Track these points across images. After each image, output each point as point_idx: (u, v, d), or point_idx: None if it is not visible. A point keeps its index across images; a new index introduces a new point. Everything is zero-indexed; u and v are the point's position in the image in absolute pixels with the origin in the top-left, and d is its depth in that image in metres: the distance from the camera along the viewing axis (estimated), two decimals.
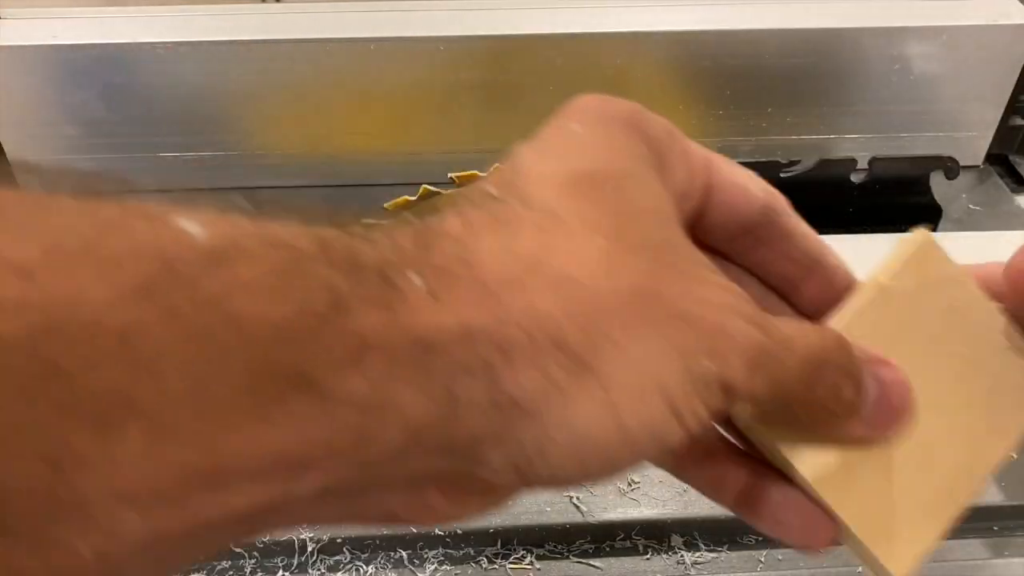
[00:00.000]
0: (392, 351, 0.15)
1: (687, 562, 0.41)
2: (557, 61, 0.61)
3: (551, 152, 0.19)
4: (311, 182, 0.66)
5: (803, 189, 0.55)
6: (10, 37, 0.58)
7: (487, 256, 0.16)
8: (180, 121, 0.62)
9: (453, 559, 0.41)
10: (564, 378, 0.16)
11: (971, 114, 0.65)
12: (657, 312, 0.17)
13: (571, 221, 0.17)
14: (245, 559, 0.41)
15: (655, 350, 0.17)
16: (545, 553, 0.41)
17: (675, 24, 0.61)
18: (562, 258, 0.17)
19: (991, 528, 0.43)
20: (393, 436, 0.15)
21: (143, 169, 0.63)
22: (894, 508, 0.22)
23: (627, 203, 0.18)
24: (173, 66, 0.59)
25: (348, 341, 0.14)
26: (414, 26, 0.60)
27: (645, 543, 0.42)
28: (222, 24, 0.60)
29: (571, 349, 0.16)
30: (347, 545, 0.41)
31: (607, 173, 0.19)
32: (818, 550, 0.23)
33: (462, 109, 0.63)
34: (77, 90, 0.59)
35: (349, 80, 0.61)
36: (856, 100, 0.64)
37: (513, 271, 0.16)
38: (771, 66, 0.62)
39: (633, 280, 0.17)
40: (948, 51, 0.61)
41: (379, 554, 0.41)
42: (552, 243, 0.17)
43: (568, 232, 0.17)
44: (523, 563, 0.41)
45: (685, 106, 0.64)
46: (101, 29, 0.59)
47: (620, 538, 0.42)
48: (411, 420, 0.15)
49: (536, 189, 0.18)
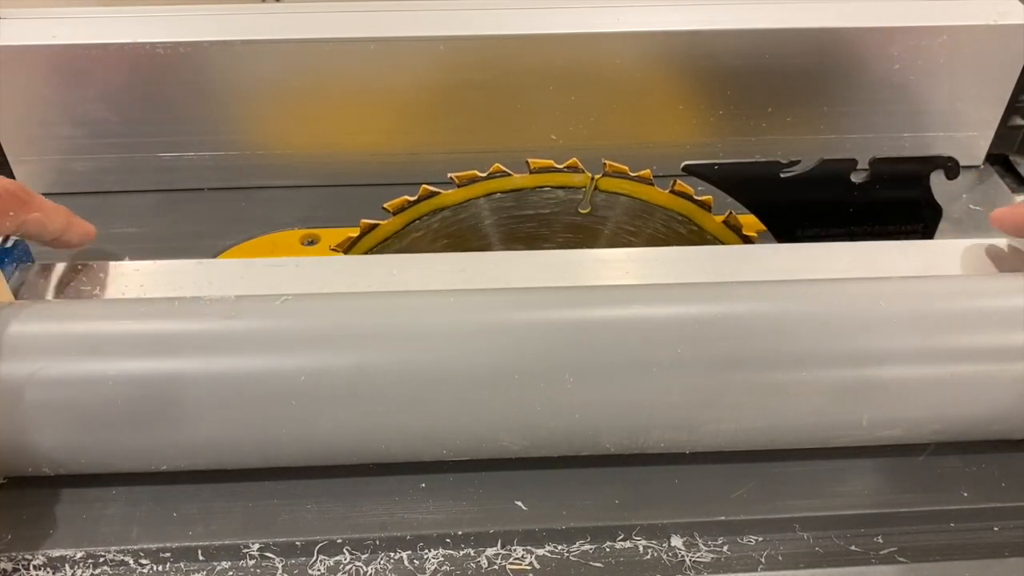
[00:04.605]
0: None
1: (687, 562, 0.41)
2: (557, 61, 0.61)
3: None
4: (311, 182, 0.66)
5: (803, 189, 0.55)
6: (10, 37, 0.58)
7: None
8: (180, 121, 0.62)
9: (453, 559, 0.41)
10: None
11: (971, 114, 0.65)
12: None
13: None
14: (245, 559, 0.41)
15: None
16: (545, 553, 0.41)
17: (675, 24, 0.61)
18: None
19: (991, 528, 0.43)
20: None
21: (143, 169, 0.63)
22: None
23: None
24: (173, 66, 0.59)
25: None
26: (414, 26, 0.60)
27: (645, 543, 0.42)
28: (222, 24, 0.60)
29: None
30: (347, 545, 0.41)
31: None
32: None
33: (462, 109, 0.63)
34: (77, 90, 0.59)
35: (349, 80, 0.61)
36: (856, 100, 0.64)
37: None
38: (771, 66, 0.62)
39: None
40: (948, 51, 0.61)
41: (379, 554, 0.41)
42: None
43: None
44: (523, 563, 0.41)
45: (685, 106, 0.64)
46: (101, 29, 0.59)
47: (620, 538, 0.42)
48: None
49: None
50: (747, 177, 0.55)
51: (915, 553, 0.42)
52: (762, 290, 0.44)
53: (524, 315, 0.42)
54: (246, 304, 0.42)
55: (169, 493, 0.43)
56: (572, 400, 0.41)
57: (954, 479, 0.44)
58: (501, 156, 0.57)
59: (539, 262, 0.49)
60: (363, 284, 0.47)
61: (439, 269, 0.48)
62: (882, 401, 0.42)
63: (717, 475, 0.44)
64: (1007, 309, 0.42)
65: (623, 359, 0.41)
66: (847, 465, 0.44)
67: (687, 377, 0.41)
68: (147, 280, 0.48)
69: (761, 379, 0.41)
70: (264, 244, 0.61)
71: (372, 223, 0.54)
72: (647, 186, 0.55)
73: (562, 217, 0.57)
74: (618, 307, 0.42)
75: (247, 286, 0.47)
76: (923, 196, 0.56)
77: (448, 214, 0.55)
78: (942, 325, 0.42)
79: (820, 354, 0.41)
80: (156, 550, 0.41)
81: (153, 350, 0.40)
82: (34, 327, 0.41)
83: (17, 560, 0.40)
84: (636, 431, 0.42)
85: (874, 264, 0.50)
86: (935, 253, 0.51)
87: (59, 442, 0.40)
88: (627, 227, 0.57)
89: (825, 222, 0.56)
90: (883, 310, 0.42)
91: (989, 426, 0.43)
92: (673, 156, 0.58)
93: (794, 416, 0.42)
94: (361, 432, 0.41)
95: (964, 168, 0.60)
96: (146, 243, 0.60)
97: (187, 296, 0.43)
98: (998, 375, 0.42)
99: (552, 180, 0.56)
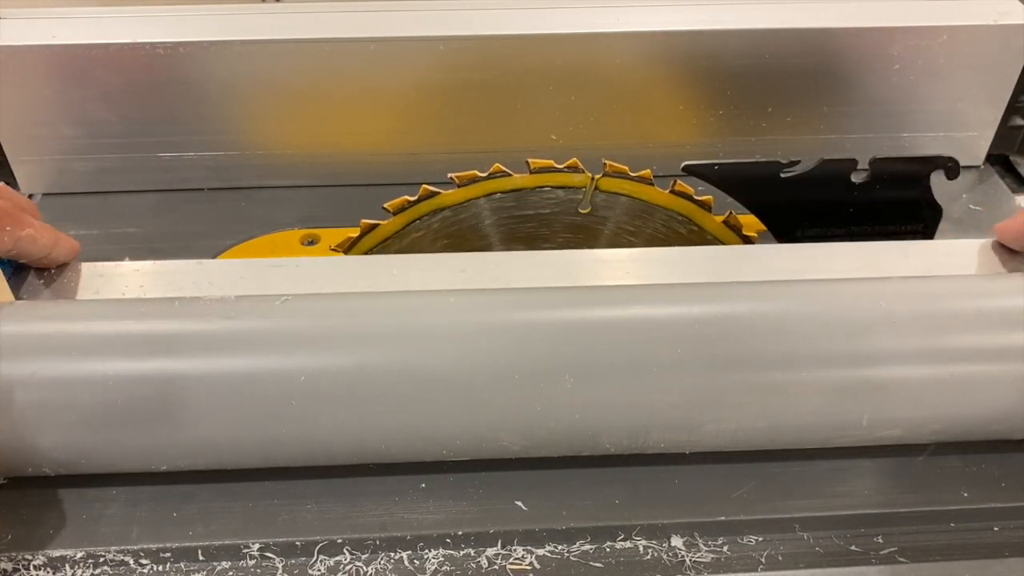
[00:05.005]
0: None
1: (687, 562, 0.41)
2: (557, 61, 0.61)
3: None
4: (311, 182, 0.66)
5: (803, 189, 0.55)
6: (10, 37, 0.58)
7: None
8: (180, 121, 0.62)
9: (453, 559, 0.41)
10: None
11: (971, 114, 0.65)
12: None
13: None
14: (245, 559, 0.41)
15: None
16: (545, 553, 0.41)
17: (675, 24, 0.61)
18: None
19: (991, 528, 0.43)
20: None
21: (143, 169, 0.63)
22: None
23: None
24: (173, 66, 0.59)
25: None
26: (414, 26, 0.60)
27: (645, 543, 0.42)
28: (222, 24, 0.60)
29: None
30: (347, 545, 0.41)
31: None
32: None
33: (462, 109, 0.63)
34: (77, 90, 0.59)
35: (349, 80, 0.61)
36: (856, 100, 0.64)
37: None
38: (771, 66, 0.62)
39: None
40: (948, 51, 0.61)
41: (379, 554, 0.41)
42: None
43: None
44: (523, 563, 0.41)
45: (685, 106, 0.64)
46: (101, 29, 0.59)
47: (620, 538, 0.42)
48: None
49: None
50: (747, 177, 0.55)
51: (915, 553, 0.42)
52: (762, 290, 0.44)
53: (524, 315, 0.42)
54: (246, 304, 0.42)
55: (169, 493, 0.43)
56: (572, 400, 0.41)
57: (954, 479, 0.44)
58: (501, 156, 0.57)
59: (539, 262, 0.49)
60: (363, 284, 0.47)
61: (439, 269, 0.48)
62: (882, 401, 0.42)
63: (717, 475, 0.44)
64: (1007, 309, 0.42)
65: (623, 359, 0.41)
66: (847, 465, 0.44)
67: (687, 377, 0.41)
68: (147, 280, 0.48)
69: (761, 379, 0.41)
70: (264, 244, 0.61)
71: (372, 223, 0.54)
72: (647, 186, 0.55)
73: (562, 217, 0.57)
74: (618, 307, 0.42)
75: (247, 286, 0.47)
76: (923, 196, 0.56)
77: (448, 214, 0.55)
78: (942, 325, 0.42)
79: (820, 354, 0.41)
80: (156, 550, 0.41)
81: (153, 350, 0.40)
82: (34, 327, 0.41)
83: (17, 560, 0.40)
84: (636, 431, 0.42)
85: (874, 264, 0.50)
86: (935, 253, 0.51)
87: (59, 442, 0.40)
88: (627, 227, 0.57)
89: (825, 222, 0.56)
90: (883, 310, 0.42)
91: (989, 426, 0.43)
92: (673, 156, 0.58)
93: (794, 416, 0.42)
94: (361, 432, 0.41)
95: (964, 168, 0.60)
96: (146, 243, 0.60)
97: (187, 296, 0.43)
98: (998, 375, 0.42)
99: (552, 180, 0.56)
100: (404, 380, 0.40)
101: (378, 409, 0.40)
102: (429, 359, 0.40)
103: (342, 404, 0.40)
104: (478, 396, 0.40)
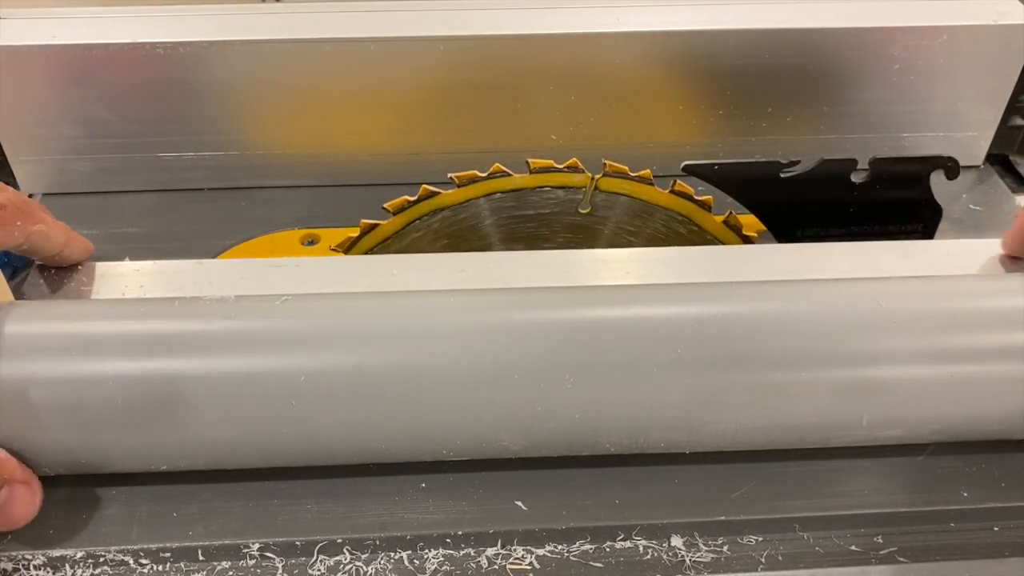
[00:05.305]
0: None
1: (687, 562, 0.41)
2: (557, 61, 0.61)
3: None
4: (311, 182, 0.66)
5: (803, 189, 0.55)
6: (10, 37, 0.58)
7: None
8: (180, 121, 0.62)
9: (453, 559, 0.41)
10: None
11: (971, 114, 0.65)
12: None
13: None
14: (245, 559, 0.41)
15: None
16: (545, 553, 0.41)
17: (675, 24, 0.61)
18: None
19: (991, 528, 0.43)
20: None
21: (143, 169, 0.63)
22: None
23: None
24: (173, 66, 0.59)
25: None
26: (414, 26, 0.60)
27: (645, 543, 0.42)
28: (222, 24, 0.60)
29: None
30: (347, 545, 0.41)
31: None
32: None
33: (462, 109, 0.63)
34: (77, 90, 0.59)
35: (349, 80, 0.61)
36: (856, 100, 0.64)
37: None
38: (771, 66, 0.62)
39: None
40: (948, 51, 0.61)
41: (379, 554, 0.41)
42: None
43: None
44: (523, 563, 0.41)
45: (685, 106, 0.64)
46: (101, 29, 0.59)
47: (620, 538, 0.42)
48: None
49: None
50: (747, 177, 0.55)
51: (915, 553, 0.42)
52: (762, 290, 0.44)
53: (524, 315, 0.42)
54: (246, 304, 0.42)
55: (169, 493, 0.43)
56: (572, 400, 0.41)
57: (954, 479, 0.44)
58: (501, 156, 0.57)
59: (539, 262, 0.49)
60: (363, 284, 0.47)
61: (439, 269, 0.48)
62: (882, 401, 0.42)
63: (717, 475, 0.44)
64: (1007, 309, 0.42)
65: (623, 359, 0.41)
66: (847, 465, 0.44)
67: (687, 377, 0.41)
68: (147, 280, 0.48)
69: (761, 379, 0.41)
70: (264, 244, 0.61)
71: (372, 223, 0.54)
72: (647, 186, 0.55)
73: (562, 217, 0.57)
74: (618, 307, 0.42)
75: (247, 286, 0.47)
76: (923, 196, 0.56)
77: (448, 214, 0.56)
78: (942, 325, 0.42)
79: (820, 354, 0.41)
80: (156, 550, 0.41)
81: (153, 350, 0.40)
82: (34, 327, 0.41)
83: (17, 560, 0.40)
84: (636, 431, 0.42)
85: (874, 264, 0.50)
86: (935, 253, 0.51)
87: (59, 442, 0.40)
88: (627, 227, 0.57)
89: (825, 222, 0.56)
90: (883, 310, 0.42)
91: (989, 426, 0.43)
92: (673, 156, 0.58)
93: (794, 416, 0.42)
94: (361, 432, 0.41)
95: (964, 168, 0.60)
96: (146, 243, 0.60)
97: (187, 296, 0.43)
98: (998, 375, 0.42)
99: (552, 180, 0.56)
100: (404, 380, 0.40)
101: (378, 409, 0.40)
102: (429, 359, 0.40)
103: (342, 404, 0.40)
104: (478, 396, 0.40)
